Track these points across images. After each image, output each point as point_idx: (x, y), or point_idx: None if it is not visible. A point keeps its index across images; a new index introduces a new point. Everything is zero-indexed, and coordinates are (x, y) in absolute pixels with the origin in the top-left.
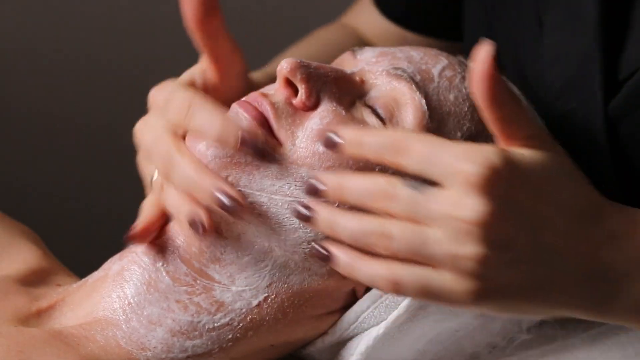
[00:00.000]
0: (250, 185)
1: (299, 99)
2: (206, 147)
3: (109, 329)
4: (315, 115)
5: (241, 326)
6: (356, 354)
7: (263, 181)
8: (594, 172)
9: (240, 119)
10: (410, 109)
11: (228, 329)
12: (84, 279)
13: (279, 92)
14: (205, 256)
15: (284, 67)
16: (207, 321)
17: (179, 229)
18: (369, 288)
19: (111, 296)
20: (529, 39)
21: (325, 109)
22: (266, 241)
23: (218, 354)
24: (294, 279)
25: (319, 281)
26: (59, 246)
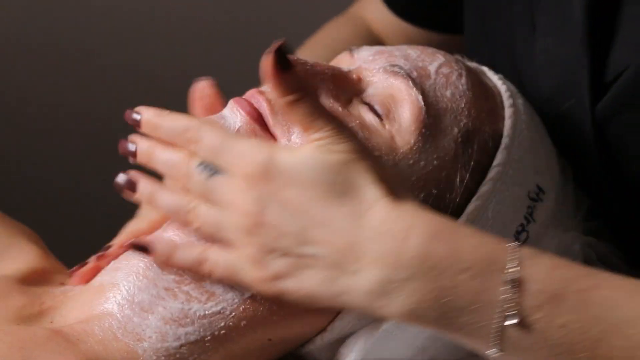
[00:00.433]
0: None
1: None
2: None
3: (106, 319)
4: None
5: (233, 315)
6: (355, 351)
7: None
8: (583, 173)
9: (235, 114)
10: (407, 105)
11: (220, 317)
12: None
13: None
14: None
15: None
16: (197, 309)
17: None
18: None
19: (105, 288)
20: (523, 40)
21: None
22: None
23: (211, 342)
24: None
25: None
26: (59, 246)
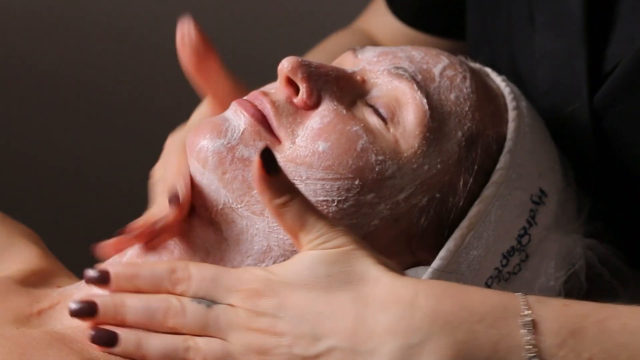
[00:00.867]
0: (248, 182)
1: (300, 98)
2: (207, 142)
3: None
4: (316, 114)
5: None
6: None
7: None
8: (582, 167)
9: (239, 116)
10: (412, 108)
11: None
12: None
13: (280, 91)
14: (207, 260)
15: (285, 66)
16: None
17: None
18: None
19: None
20: (522, 35)
21: (326, 108)
22: (265, 241)
23: None
24: None
25: None
26: (59, 246)
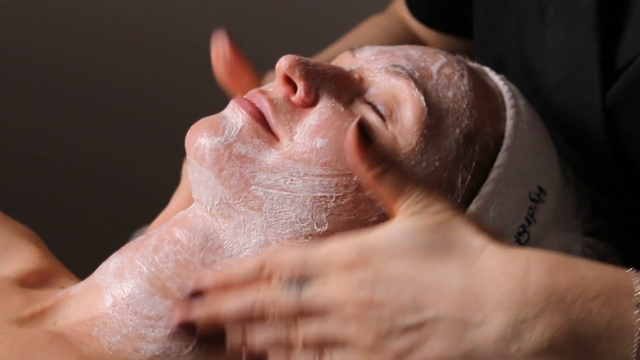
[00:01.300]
0: (246, 178)
1: (298, 96)
2: (204, 140)
3: (108, 320)
4: (314, 112)
5: None
6: None
7: (258, 175)
8: (591, 163)
9: (237, 114)
10: (410, 105)
11: None
12: (84, 280)
13: (278, 89)
14: (206, 246)
15: (283, 64)
16: None
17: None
18: None
19: (107, 289)
20: (532, 30)
21: (324, 105)
22: (263, 235)
23: None
24: None
25: None
26: (59, 246)
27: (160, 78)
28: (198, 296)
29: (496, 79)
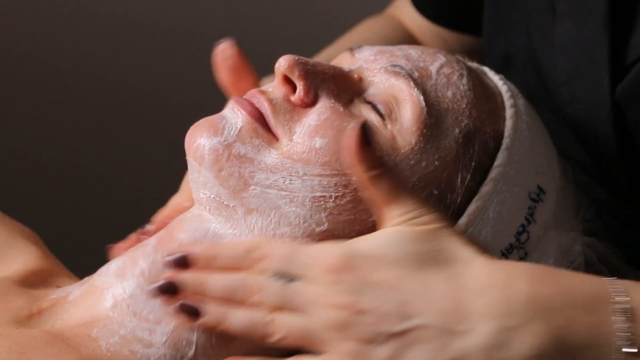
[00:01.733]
0: (244, 179)
1: (297, 96)
2: (203, 140)
3: (108, 322)
4: (313, 112)
5: None
6: None
7: (258, 175)
8: (599, 159)
9: (236, 114)
10: (409, 105)
11: None
12: (84, 279)
13: (277, 89)
14: (204, 240)
15: (282, 64)
16: None
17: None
18: None
19: (107, 290)
20: (542, 25)
21: (323, 105)
22: (262, 235)
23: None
24: None
25: None
26: (59, 246)
27: (160, 78)
28: (187, 267)
29: (495, 78)
